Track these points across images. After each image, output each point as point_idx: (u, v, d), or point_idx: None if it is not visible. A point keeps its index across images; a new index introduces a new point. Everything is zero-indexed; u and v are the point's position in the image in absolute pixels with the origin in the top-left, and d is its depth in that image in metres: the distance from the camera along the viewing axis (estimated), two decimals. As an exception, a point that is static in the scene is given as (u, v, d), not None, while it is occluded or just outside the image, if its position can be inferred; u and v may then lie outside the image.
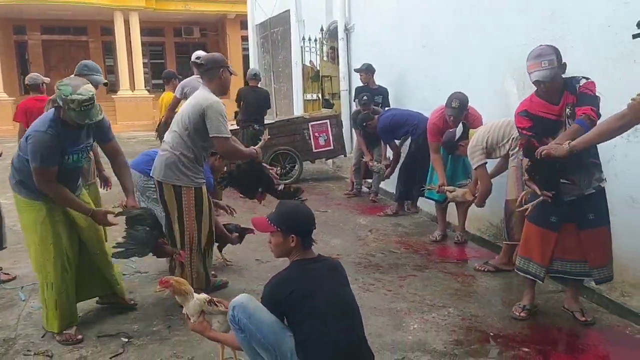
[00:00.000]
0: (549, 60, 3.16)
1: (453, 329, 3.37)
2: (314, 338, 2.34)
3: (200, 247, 3.68)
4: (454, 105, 4.64)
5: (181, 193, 3.58)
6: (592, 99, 3.16)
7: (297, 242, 2.45)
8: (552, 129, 3.28)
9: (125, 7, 19.00)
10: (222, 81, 3.72)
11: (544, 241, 3.37)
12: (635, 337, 3.26)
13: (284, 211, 2.53)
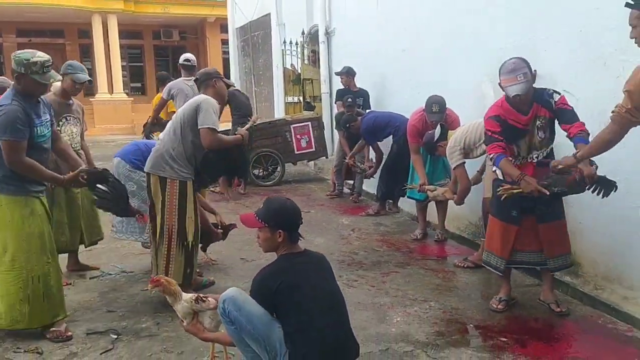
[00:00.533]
0: (523, 74, 3.29)
1: (435, 321, 3.50)
2: (302, 330, 2.43)
3: (183, 241, 3.72)
4: (434, 110, 4.79)
5: (166, 185, 3.66)
6: (573, 113, 3.34)
7: (284, 237, 2.55)
8: (517, 136, 3.46)
9: (104, 10, 18.85)
10: (217, 89, 3.92)
11: (505, 234, 3.57)
12: (608, 326, 3.42)
13: (271, 207, 2.62)
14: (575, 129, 3.25)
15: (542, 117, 3.42)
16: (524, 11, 4.48)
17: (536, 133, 3.46)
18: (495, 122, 3.44)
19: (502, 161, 3.40)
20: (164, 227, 3.70)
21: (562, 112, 3.35)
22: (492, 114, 3.48)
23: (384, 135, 6.16)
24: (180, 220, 3.70)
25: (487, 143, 3.50)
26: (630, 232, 3.60)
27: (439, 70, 5.76)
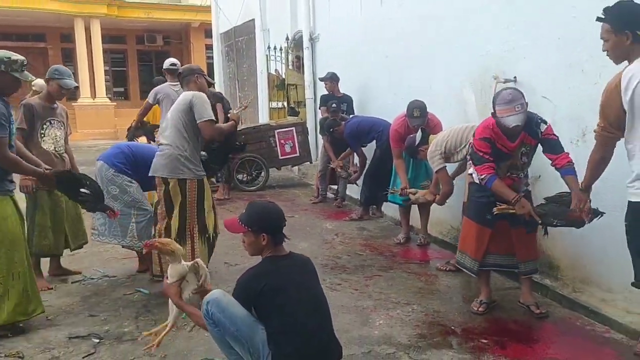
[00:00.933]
0: (521, 104, 3.35)
1: (417, 323, 3.54)
2: (285, 331, 2.45)
3: (204, 235, 4.03)
4: (415, 115, 4.85)
5: (186, 186, 3.90)
6: (558, 143, 3.46)
7: (268, 240, 2.57)
8: (501, 159, 3.54)
9: (87, 14, 18.73)
10: (199, 85, 4.09)
11: (479, 236, 3.66)
12: (586, 328, 3.49)
13: (254, 211, 2.64)
14: (561, 160, 3.37)
15: (528, 144, 3.54)
16: (504, 19, 4.56)
17: (519, 157, 3.58)
18: (486, 143, 3.50)
19: (495, 182, 3.47)
20: (185, 226, 3.93)
21: (548, 142, 3.47)
22: (484, 135, 3.53)
23: (367, 140, 6.21)
24: (199, 216, 3.98)
25: (477, 163, 3.56)
26: (606, 237, 3.67)
27: (422, 76, 5.83)
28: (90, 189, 3.66)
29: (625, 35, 2.70)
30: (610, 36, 2.80)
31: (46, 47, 21.30)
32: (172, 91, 6.28)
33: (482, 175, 3.51)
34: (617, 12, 2.76)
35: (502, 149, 3.52)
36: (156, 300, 3.91)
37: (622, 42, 2.73)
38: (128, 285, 4.30)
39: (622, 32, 2.71)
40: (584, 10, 3.76)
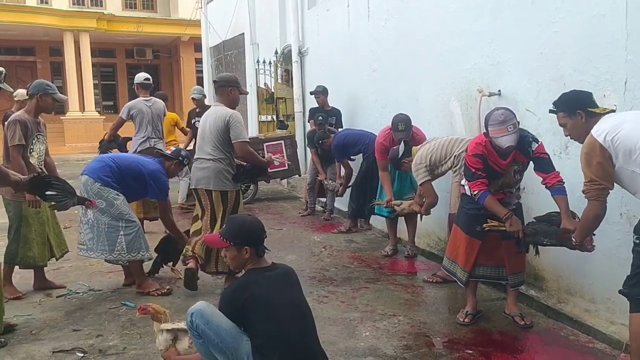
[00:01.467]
0: (513, 124, 3.39)
1: (403, 335, 3.55)
2: (270, 341, 2.45)
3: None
4: (400, 128, 4.90)
5: (227, 197, 4.27)
6: (549, 162, 3.51)
7: (251, 253, 2.59)
8: (493, 177, 3.59)
9: (76, 28, 18.71)
10: (231, 97, 4.40)
11: (469, 247, 3.71)
12: (570, 338, 3.52)
13: (234, 226, 2.67)
14: (552, 179, 3.42)
15: (520, 162, 3.59)
16: (488, 33, 4.63)
17: (512, 175, 3.63)
18: (478, 159, 3.55)
19: (487, 199, 3.52)
20: None
21: (539, 161, 3.52)
22: (476, 152, 3.57)
23: (353, 152, 6.26)
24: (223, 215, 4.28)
25: (470, 179, 3.60)
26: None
27: (408, 89, 5.89)
28: (57, 188, 3.79)
29: (579, 115, 2.94)
30: (567, 120, 3.03)
31: (35, 61, 21.26)
32: (145, 106, 6.33)
33: (475, 191, 3.56)
34: (565, 99, 3.08)
35: (495, 167, 3.56)
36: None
37: (578, 122, 2.96)
38: (113, 299, 4.27)
39: (575, 113, 2.96)
40: (565, 26, 3.85)
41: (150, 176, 4.37)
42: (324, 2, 8.22)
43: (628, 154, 2.65)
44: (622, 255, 3.36)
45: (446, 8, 5.17)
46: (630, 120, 2.75)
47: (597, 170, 2.73)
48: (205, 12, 14.93)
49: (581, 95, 3.06)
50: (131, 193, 4.38)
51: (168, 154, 4.74)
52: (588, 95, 3.05)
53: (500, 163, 3.55)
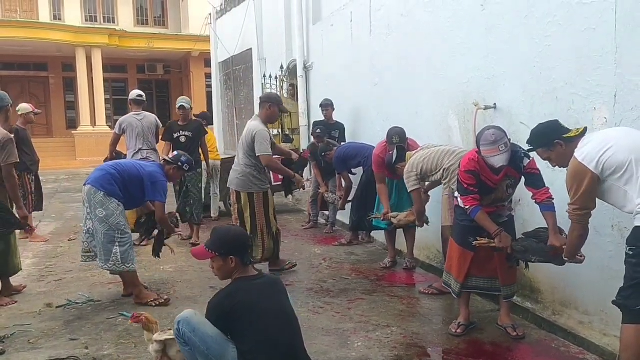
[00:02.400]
0: (504, 144, 3.42)
1: (395, 345, 3.57)
2: (258, 347, 2.49)
3: (270, 232, 5.13)
4: (394, 141, 4.97)
5: (253, 197, 5.04)
6: (540, 178, 3.56)
7: (236, 262, 2.65)
8: (486, 192, 3.64)
9: (88, 44, 19.07)
10: (268, 113, 5.16)
11: (461, 259, 3.75)
12: (560, 349, 3.53)
13: (218, 237, 2.73)
14: (542, 195, 3.47)
15: (512, 177, 3.63)
16: (484, 47, 4.68)
17: (505, 190, 3.67)
18: (471, 176, 3.59)
19: (478, 214, 3.57)
20: (255, 227, 5.06)
21: (530, 176, 3.57)
22: (469, 168, 3.61)
23: (353, 164, 6.30)
24: (266, 218, 5.11)
25: (463, 194, 3.65)
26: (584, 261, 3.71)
27: (408, 103, 5.95)
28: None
29: (558, 144, 3.01)
30: (548, 153, 3.09)
31: (48, 76, 21.65)
32: (135, 120, 6.67)
33: (467, 206, 3.61)
34: (539, 135, 3.13)
35: (487, 182, 3.60)
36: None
37: (560, 151, 3.01)
38: (112, 310, 4.33)
39: (554, 144, 3.02)
40: (557, 40, 3.89)
41: (149, 177, 4.47)
42: (329, 17, 8.34)
43: (616, 172, 2.70)
44: (615, 267, 3.37)
45: (443, 23, 5.24)
46: (613, 138, 2.80)
47: (583, 197, 2.79)
48: (214, 28, 15.16)
49: (551, 125, 3.13)
50: (132, 201, 4.51)
51: (169, 159, 4.85)
52: (556, 124, 3.12)
53: (493, 178, 3.58)
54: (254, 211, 5.04)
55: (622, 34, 3.39)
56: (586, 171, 2.73)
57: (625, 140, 2.78)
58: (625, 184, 2.69)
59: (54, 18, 20.77)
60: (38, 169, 6.94)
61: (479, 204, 3.58)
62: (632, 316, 2.66)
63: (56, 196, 11.41)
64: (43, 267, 5.64)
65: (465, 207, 3.63)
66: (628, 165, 2.66)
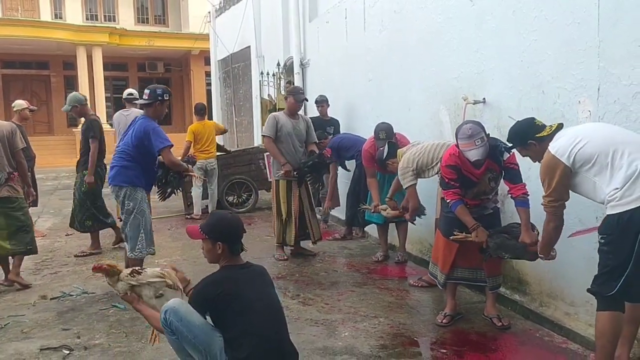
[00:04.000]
0: (480, 138, 3.48)
1: (381, 335, 3.63)
2: (242, 337, 2.54)
3: (279, 216, 5.62)
4: (381, 137, 5.05)
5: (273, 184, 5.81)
6: (517, 173, 3.61)
7: (224, 249, 2.67)
8: (469, 186, 3.70)
9: (89, 43, 19.15)
10: (287, 104, 5.79)
11: (446, 250, 3.82)
12: (544, 339, 3.58)
13: (213, 220, 2.78)
14: (517, 191, 3.53)
15: (493, 170, 3.69)
16: (473, 43, 4.72)
17: (487, 183, 3.73)
18: (452, 170, 3.66)
19: (458, 208, 3.64)
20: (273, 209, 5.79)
21: (508, 171, 3.63)
22: (450, 163, 3.67)
23: (346, 156, 6.37)
24: (277, 204, 5.65)
25: (444, 188, 3.73)
26: (567, 252, 3.75)
27: (401, 98, 5.99)
28: None
29: (532, 144, 3.11)
30: (526, 152, 3.20)
31: (49, 75, 21.75)
32: (122, 116, 7.31)
33: (448, 200, 3.69)
34: (514, 136, 3.24)
35: (469, 176, 3.66)
36: (130, 315, 4.01)
37: (535, 149, 3.11)
38: (105, 301, 4.39)
39: (528, 144, 3.13)
40: (543, 34, 3.93)
41: (145, 131, 4.32)
42: (324, 14, 8.39)
43: (585, 164, 2.80)
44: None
45: (435, 18, 5.28)
46: (586, 132, 2.90)
47: (557, 189, 2.88)
48: (213, 26, 15.20)
49: (524, 126, 3.21)
50: (152, 173, 4.55)
51: (145, 101, 4.50)
52: (530, 124, 3.19)
53: (475, 172, 3.63)
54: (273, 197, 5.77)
55: (605, 28, 3.43)
56: (558, 163, 2.84)
57: (596, 133, 2.89)
58: (594, 175, 2.79)
59: (55, 17, 20.87)
60: (34, 165, 7.00)
61: (460, 198, 3.64)
62: (606, 303, 2.75)
63: (56, 193, 11.49)
64: (39, 261, 5.70)
65: (447, 201, 3.71)
66: (597, 157, 2.76)
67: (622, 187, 2.68)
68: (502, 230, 3.64)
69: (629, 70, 3.28)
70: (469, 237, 3.62)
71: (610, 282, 2.70)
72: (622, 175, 2.69)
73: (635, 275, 2.68)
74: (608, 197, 2.72)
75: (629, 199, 2.66)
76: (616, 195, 2.69)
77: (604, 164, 2.75)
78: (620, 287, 2.67)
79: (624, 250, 2.66)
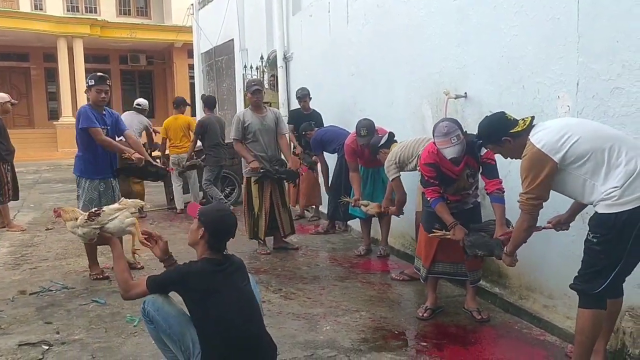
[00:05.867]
0: (456, 136, 3.47)
1: (362, 329, 3.65)
2: (216, 328, 2.53)
3: (251, 211, 5.66)
4: (362, 134, 5.06)
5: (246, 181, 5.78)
6: (494, 169, 3.62)
7: (203, 237, 2.64)
8: (448, 183, 3.72)
9: (69, 34, 18.86)
10: (248, 100, 5.76)
11: (427, 244, 3.85)
12: (523, 331, 3.63)
13: (212, 208, 2.84)
14: (492, 186, 3.54)
15: (471, 166, 3.71)
16: (455, 37, 4.74)
17: (466, 179, 3.75)
18: (430, 168, 3.67)
19: (438, 205, 3.66)
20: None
21: (485, 166, 3.63)
22: (428, 161, 3.68)
23: (329, 149, 6.40)
24: (248, 200, 5.68)
25: (424, 186, 3.74)
26: (546, 245, 3.80)
27: (384, 92, 6.00)
28: None
29: (506, 141, 2.96)
30: (499, 149, 3.08)
31: (29, 67, 21.39)
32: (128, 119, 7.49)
33: (429, 198, 3.71)
34: (486, 133, 3.08)
35: (448, 173, 3.68)
36: (110, 310, 3.98)
37: (509, 146, 2.97)
38: (85, 296, 4.35)
39: (501, 141, 2.98)
40: (524, 30, 3.96)
41: (77, 116, 4.89)
42: (307, 8, 8.35)
43: (576, 160, 2.68)
44: (577, 252, 3.40)
45: (417, 12, 5.29)
46: (571, 126, 2.78)
47: (541, 186, 2.74)
48: (196, 19, 15.07)
49: (497, 121, 3.04)
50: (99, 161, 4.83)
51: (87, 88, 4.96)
52: (502, 119, 3.03)
53: (454, 169, 3.66)
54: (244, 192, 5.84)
55: (584, 24, 3.47)
56: (546, 159, 2.69)
57: (583, 128, 2.78)
58: (585, 173, 2.67)
59: (35, 8, 20.54)
60: (13, 159, 6.90)
61: (440, 196, 3.67)
62: (590, 301, 2.71)
63: (36, 186, 11.34)
64: (19, 256, 5.63)
65: (427, 198, 3.74)
66: (592, 154, 2.65)
67: (622, 185, 2.57)
68: (479, 227, 3.66)
69: (608, 65, 3.31)
70: (447, 235, 3.65)
71: (597, 280, 2.65)
72: (621, 173, 2.59)
73: (623, 274, 2.69)
74: (604, 195, 2.62)
75: (628, 198, 2.56)
76: (614, 194, 2.59)
77: (600, 161, 2.63)
78: (607, 286, 2.64)
79: (617, 250, 2.61)
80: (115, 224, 3.00)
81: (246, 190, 5.72)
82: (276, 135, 5.75)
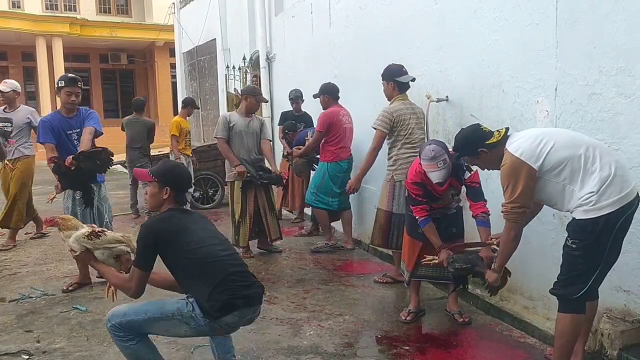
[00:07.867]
0: (443, 160, 3.43)
1: (346, 333, 3.66)
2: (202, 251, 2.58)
3: (232, 218, 5.65)
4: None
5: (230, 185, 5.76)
6: (479, 192, 3.63)
7: (170, 195, 2.72)
8: (432, 200, 3.73)
9: (48, 33, 18.59)
10: (246, 104, 5.68)
11: (411, 248, 3.88)
12: (504, 333, 3.68)
13: (164, 166, 2.85)
14: (477, 209, 3.55)
15: (455, 188, 3.74)
16: (436, 41, 4.78)
17: (450, 197, 3.79)
18: (417, 187, 3.67)
19: (426, 226, 3.66)
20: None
21: (470, 189, 3.65)
22: (415, 180, 3.67)
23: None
24: (231, 205, 5.68)
25: (412, 204, 3.72)
26: (526, 246, 3.85)
27: (367, 94, 6.02)
28: None
29: (482, 152, 3.00)
30: (476, 161, 3.12)
31: (7, 66, 21.02)
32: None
33: (417, 217, 3.69)
34: (462, 145, 3.13)
35: (433, 192, 3.69)
36: (91, 317, 3.95)
37: (486, 157, 3.01)
38: (66, 303, 4.30)
39: (477, 152, 3.02)
40: (503, 34, 4.00)
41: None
42: (290, 8, 8.34)
43: (554, 167, 2.71)
44: (556, 254, 3.47)
45: (399, 15, 5.32)
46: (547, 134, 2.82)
47: (525, 193, 2.74)
48: (178, 18, 14.96)
49: (473, 133, 3.08)
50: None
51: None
52: (477, 131, 3.07)
53: (438, 189, 3.66)
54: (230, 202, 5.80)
55: (562, 29, 3.52)
56: (523, 165, 2.71)
57: (558, 136, 2.82)
58: (564, 179, 2.71)
59: (13, 6, 20.15)
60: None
61: (428, 215, 3.66)
62: (570, 305, 2.75)
63: (15, 189, 11.10)
64: (-3, 262, 5.56)
65: (415, 217, 3.70)
66: (569, 161, 2.69)
67: (597, 190, 2.62)
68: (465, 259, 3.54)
69: (585, 71, 3.37)
70: (435, 260, 3.64)
71: (577, 284, 2.69)
72: (596, 179, 2.63)
73: (601, 277, 2.74)
74: (581, 201, 2.66)
75: (604, 203, 2.60)
76: (591, 199, 2.62)
77: (576, 168, 2.68)
78: (587, 290, 2.68)
79: (596, 255, 2.65)
80: (105, 255, 2.86)
81: (230, 195, 5.71)
82: (259, 140, 5.74)
